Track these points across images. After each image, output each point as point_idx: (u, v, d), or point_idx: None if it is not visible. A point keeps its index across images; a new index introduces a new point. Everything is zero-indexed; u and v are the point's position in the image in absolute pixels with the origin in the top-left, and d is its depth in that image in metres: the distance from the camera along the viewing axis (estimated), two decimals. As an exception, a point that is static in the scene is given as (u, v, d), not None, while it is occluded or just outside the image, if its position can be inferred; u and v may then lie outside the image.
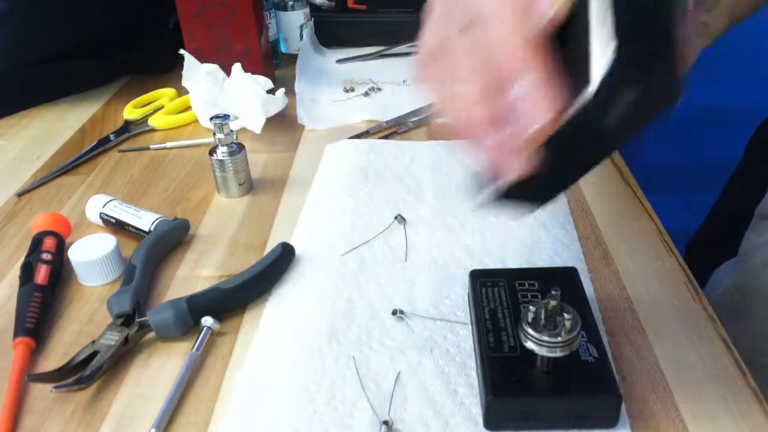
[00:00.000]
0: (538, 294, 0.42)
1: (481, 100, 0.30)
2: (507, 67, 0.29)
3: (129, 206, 0.56)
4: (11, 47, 0.77)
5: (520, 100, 0.29)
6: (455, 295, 0.47)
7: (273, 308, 0.47)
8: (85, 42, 0.82)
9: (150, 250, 0.50)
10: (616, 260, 0.50)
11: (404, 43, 0.93)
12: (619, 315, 0.45)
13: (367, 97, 0.80)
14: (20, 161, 0.69)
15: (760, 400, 0.38)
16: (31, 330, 0.44)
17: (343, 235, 0.53)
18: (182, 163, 0.67)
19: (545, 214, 0.55)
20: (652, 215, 0.55)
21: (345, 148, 0.66)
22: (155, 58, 0.88)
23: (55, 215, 0.54)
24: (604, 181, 0.60)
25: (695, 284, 0.47)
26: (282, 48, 0.92)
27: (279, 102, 0.71)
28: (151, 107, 0.77)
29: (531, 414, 0.36)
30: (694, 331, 0.43)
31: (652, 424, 0.37)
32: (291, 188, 0.62)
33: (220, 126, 0.58)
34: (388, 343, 0.43)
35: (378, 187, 0.60)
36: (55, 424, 0.39)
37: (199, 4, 0.75)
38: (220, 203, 0.60)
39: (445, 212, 0.56)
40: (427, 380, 0.40)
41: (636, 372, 0.40)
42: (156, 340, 0.45)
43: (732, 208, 0.75)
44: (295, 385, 0.40)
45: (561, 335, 0.34)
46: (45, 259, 0.49)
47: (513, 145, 0.30)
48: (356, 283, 0.48)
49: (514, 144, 0.30)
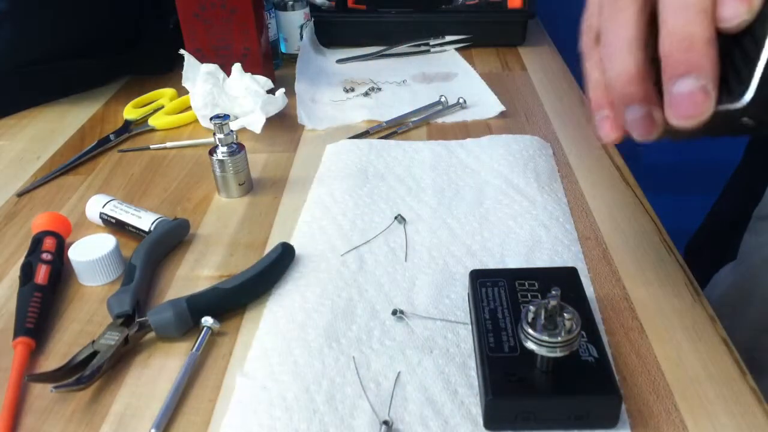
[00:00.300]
0: (538, 294, 0.42)
1: (638, 81, 0.32)
2: (676, 58, 0.30)
3: (129, 206, 0.56)
4: (11, 47, 0.77)
5: (678, 93, 0.30)
6: (455, 295, 0.47)
7: (273, 308, 0.47)
8: (85, 42, 0.82)
9: (150, 250, 0.50)
10: (616, 260, 0.50)
11: (404, 43, 0.93)
12: (619, 315, 0.45)
13: (367, 97, 0.80)
14: (20, 161, 0.69)
15: (760, 400, 0.38)
16: (31, 330, 0.44)
17: (343, 235, 0.53)
18: (182, 163, 0.67)
19: (545, 214, 0.55)
20: (652, 215, 0.55)
21: (345, 148, 0.66)
22: (155, 58, 0.88)
23: (55, 215, 0.54)
24: (604, 181, 0.60)
25: (695, 284, 0.47)
26: (282, 48, 0.92)
27: (279, 102, 0.71)
28: (151, 107, 0.77)
29: (531, 414, 0.36)
30: (694, 331, 0.43)
31: (652, 424, 0.37)
32: (291, 188, 0.62)
33: (220, 126, 0.58)
34: (388, 343, 0.43)
35: (378, 187, 0.60)
36: (55, 424, 0.39)
37: (199, 4, 0.75)
38: (220, 203, 0.60)
39: (445, 212, 0.56)
40: (427, 380, 0.40)
41: (636, 372, 0.40)
42: (156, 340, 0.45)
43: (732, 208, 0.75)
44: (295, 385, 0.40)
45: (561, 335, 0.34)
46: (45, 259, 0.49)
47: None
48: (356, 283, 0.48)
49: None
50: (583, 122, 0.72)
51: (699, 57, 0.29)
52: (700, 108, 0.30)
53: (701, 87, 0.29)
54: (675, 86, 0.30)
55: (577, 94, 0.79)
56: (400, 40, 0.93)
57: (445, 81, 0.84)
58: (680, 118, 0.30)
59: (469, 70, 0.86)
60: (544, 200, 0.57)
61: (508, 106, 0.75)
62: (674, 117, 0.30)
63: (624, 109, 0.33)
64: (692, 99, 0.30)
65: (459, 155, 0.64)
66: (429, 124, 0.73)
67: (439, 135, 0.70)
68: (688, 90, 0.30)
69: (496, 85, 0.81)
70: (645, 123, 0.33)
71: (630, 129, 0.34)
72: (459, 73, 0.86)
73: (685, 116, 0.30)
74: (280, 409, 0.38)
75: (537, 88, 0.81)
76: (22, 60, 0.78)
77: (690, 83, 0.29)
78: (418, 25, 0.93)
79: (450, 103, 0.75)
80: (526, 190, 0.58)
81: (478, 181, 0.60)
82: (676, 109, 0.30)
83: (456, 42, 0.94)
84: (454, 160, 0.64)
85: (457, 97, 0.76)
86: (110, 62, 0.86)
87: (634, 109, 0.33)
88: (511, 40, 0.95)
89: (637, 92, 0.32)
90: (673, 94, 0.30)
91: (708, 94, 0.29)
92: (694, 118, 0.30)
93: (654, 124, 0.33)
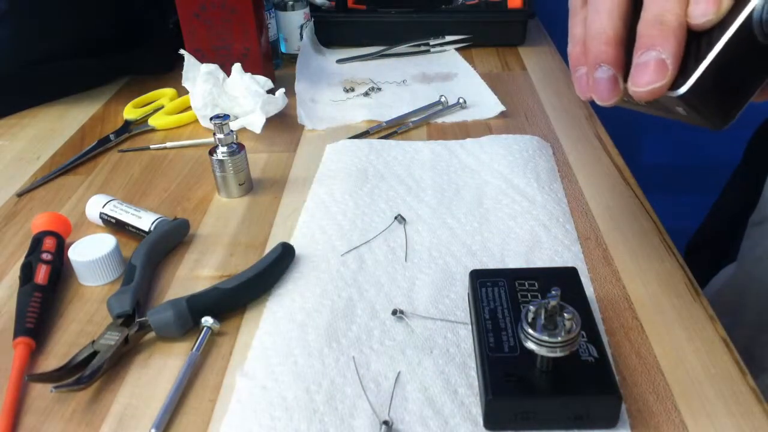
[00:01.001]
0: (538, 294, 0.42)
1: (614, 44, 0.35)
2: (647, 34, 0.33)
3: (129, 206, 0.56)
4: (11, 47, 0.77)
5: (642, 63, 0.33)
6: (455, 295, 0.47)
7: (273, 308, 0.47)
8: (85, 42, 0.82)
9: (150, 250, 0.50)
10: (616, 260, 0.50)
11: (404, 43, 0.93)
12: (619, 315, 0.45)
13: (367, 97, 0.80)
14: (20, 161, 0.69)
15: (760, 399, 0.38)
16: (31, 330, 0.44)
17: (343, 235, 0.53)
18: (182, 163, 0.67)
19: (545, 214, 0.55)
20: (652, 215, 0.55)
21: (345, 148, 0.66)
22: (155, 58, 0.88)
23: (55, 215, 0.54)
24: (604, 181, 0.60)
25: (695, 284, 0.47)
26: (282, 48, 0.92)
27: (279, 102, 0.71)
28: (151, 107, 0.77)
29: (531, 414, 0.36)
30: (694, 331, 0.43)
31: (652, 424, 0.37)
32: (291, 188, 0.62)
33: (220, 126, 0.58)
34: (388, 343, 0.43)
35: (378, 187, 0.60)
36: (55, 424, 0.39)
37: (199, 4, 0.75)
38: (220, 203, 0.60)
39: (445, 212, 0.56)
40: (427, 380, 0.40)
41: (636, 372, 0.40)
42: (156, 340, 0.45)
43: (731, 209, 0.75)
44: (295, 385, 0.40)
45: (561, 335, 0.34)
46: (45, 259, 0.49)
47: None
48: (356, 283, 0.48)
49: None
50: (583, 122, 0.72)
51: (666, 36, 0.33)
52: (657, 77, 0.33)
53: (662, 60, 0.33)
54: (640, 57, 0.33)
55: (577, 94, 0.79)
56: (400, 40, 0.93)
57: (445, 81, 0.84)
58: (639, 86, 0.33)
59: (469, 70, 0.86)
60: (544, 200, 0.57)
61: (508, 106, 0.75)
62: (634, 84, 0.33)
63: (595, 68, 0.36)
64: (652, 68, 0.33)
65: (459, 155, 0.64)
66: (429, 124, 0.73)
67: (439, 135, 0.70)
68: (651, 60, 0.33)
69: (496, 85, 0.81)
70: (609, 85, 0.35)
71: (594, 89, 0.36)
72: (459, 73, 0.86)
73: (644, 83, 0.33)
74: (280, 409, 0.38)
75: (537, 88, 0.81)
76: (22, 60, 0.78)
77: (653, 55, 0.33)
78: (418, 25, 0.93)
79: (450, 103, 0.75)
80: (526, 190, 0.58)
81: (478, 181, 0.60)
82: (638, 76, 0.33)
83: (456, 42, 0.94)
84: (454, 160, 0.64)
85: (457, 97, 0.76)
86: (110, 62, 0.86)
87: (603, 69, 0.35)
88: (511, 40, 0.95)
89: (609, 53, 0.35)
90: (637, 63, 0.33)
91: (666, 68, 0.33)
92: (650, 86, 0.33)
93: (616, 88, 0.35)
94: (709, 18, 0.32)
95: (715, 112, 0.34)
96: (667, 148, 1.33)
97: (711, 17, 0.32)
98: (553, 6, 1.07)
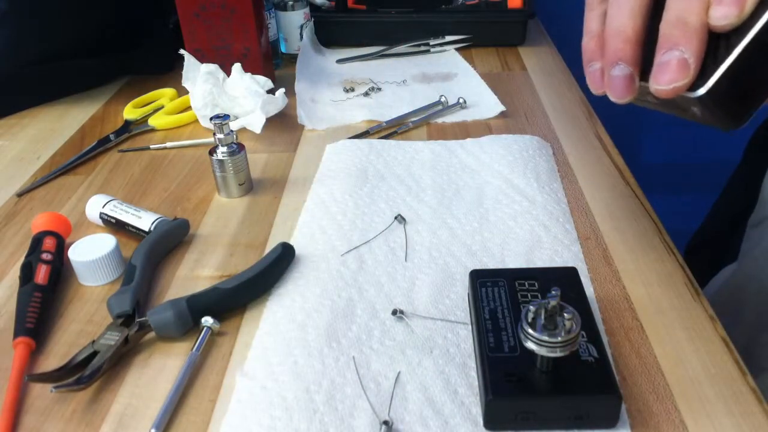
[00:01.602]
0: (538, 294, 0.42)
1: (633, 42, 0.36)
2: (670, 34, 0.34)
3: (129, 206, 0.56)
4: (11, 47, 0.77)
5: (664, 61, 0.34)
6: (455, 295, 0.47)
7: (273, 308, 0.47)
8: (85, 42, 0.82)
9: (150, 250, 0.50)
10: (616, 260, 0.50)
11: (404, 43, 0.93)
12: (619, 315, 0.45)
13: (367, 97, 0.80)
14: (20, 161, 0.69)
15: (760, 399, 0.38)
16: (31, 330, 0.44)
17: (343, 235, 0.53)
18: (182, 163, 0.67)
19: (545, 214, 0.55)
20: (652, 215, 0.55)
21: (345, 148, 0.66)
22: (155, 58, 0.88)
23: (55, 215, 0.54)
24: (604, 181, 0.60)
25: (695, 284, 0.47)
26: (282, 48, 0.92)
27: (279, 102, 0.71)
28: (151, 107, 0.77)
29: (531, 414, 0.36)
30: (694, 331, 0.43)
31: (652, 424, 0.37)
32: (291, 188, 0.62)
33: (220, 126, 0.58)
34: (388, 343, 0.43)
35: (378, 187, 0.60)
36: (55, 424, 0.39)
37: (199, 4, 0.75)
38: (220, 203, 0.60)
39: (445, 212, 0.56)
40: (427, 380, 0.40)
41: (636, 372, 0.40)
42: (156, 340, 0.45)
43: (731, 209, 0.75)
44: (295, 385, 0.40)
45: (561, 335, 0.34)
46: (45, 259, 0.49)
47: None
48: (356, 283, 0.48)
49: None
50: (583, 122, 0.72)
51: (689, 37, 0.33)
52: (679, 76, 0.33)
53: (684, 60, 0.33)
54: (663, 56, 0.34)
55: (577, 94, 0.79)
56: (400, 40, 0.93)
57: (445, 81, 0.84)
58: (661, 83, 0.34)
59: (469, 70, 0.86)
60: (544, 200, 0.57)
61: (508, 106, 0.75)
62: (656, 82, 0.34)
63: (612, 66, 0.36)
64: (675, 67, 0.33)
65: (459, 155, 0.64)
66: (429, 124, 0.73)
67: (439, 135, 0.70)
68: (673, 59, 0.33)
69: (496, 85, 0.81)
70: (625, 83, 0.36)
71: (609, 86, 0.36)
72: (459, 73, 0.86)
73: (666, 82, 0.33)
74: (280, 409, 0.38)
75: (537, 88, 0.81)
76: (22, 60, 0.78)
77: (676, 54, 0.33)
78: (418, 25, 0.93)
79: (450, 103, 0.75)
80: (526, 190, 0.58)
81: (478, 181, 0.60)
82: (660, 75, 0.34)
83: (456, 42, 0.94)
84: (454, 160, 0.64)
85: (457, 97, 0.76)
86: (110, 62, 0.86)
87: (621, 67, 0.36)
88: (511, 40, 0.95)
89: (627, 52, 0.36)
90: (660, 62, 0.34)
91: (688, 67, 0.33)
92: (672, 85, 0.33)
93: (632, 86, 0.36)
94: (731, 21, 0.32)
95: (730, 113, 0.35)
96: (667, 148, 1.33)
97: (733, 20, 0.32)
98: (553, 6, 1.07)
